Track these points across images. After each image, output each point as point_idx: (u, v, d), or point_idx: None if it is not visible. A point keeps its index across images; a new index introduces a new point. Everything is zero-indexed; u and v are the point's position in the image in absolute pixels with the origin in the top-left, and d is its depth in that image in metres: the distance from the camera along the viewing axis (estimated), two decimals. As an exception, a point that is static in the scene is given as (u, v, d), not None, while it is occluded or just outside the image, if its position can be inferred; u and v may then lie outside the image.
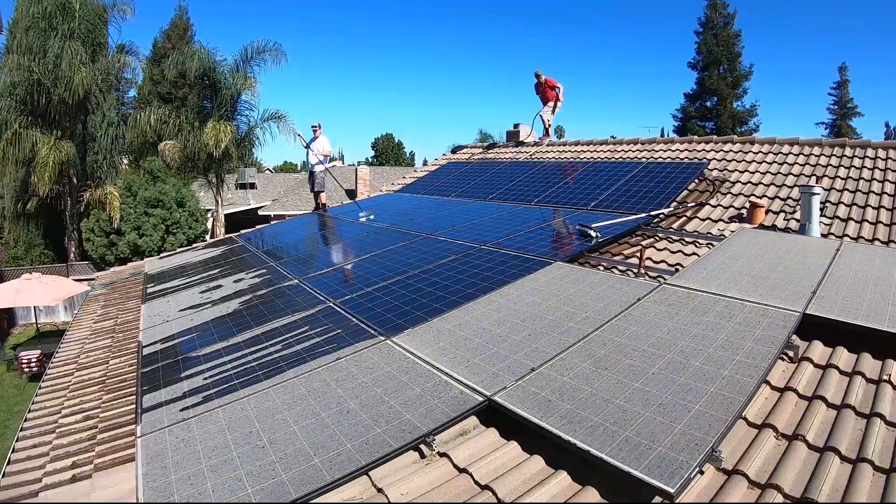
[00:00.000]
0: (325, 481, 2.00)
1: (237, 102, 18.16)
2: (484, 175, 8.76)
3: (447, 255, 4.82)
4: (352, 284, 4.47)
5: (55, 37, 15.39)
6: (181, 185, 17.45)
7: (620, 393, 2.33)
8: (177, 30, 28.86)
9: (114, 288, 6.42)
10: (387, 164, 43.76)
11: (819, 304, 3.09)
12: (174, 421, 2.64)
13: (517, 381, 2.54)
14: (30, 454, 2.74)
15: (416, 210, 7.56)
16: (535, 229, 5.41)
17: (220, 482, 2.08)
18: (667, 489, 1.74)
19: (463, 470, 2.11)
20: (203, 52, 17.13)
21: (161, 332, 4.09)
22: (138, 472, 2.24)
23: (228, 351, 3.47)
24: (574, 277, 3.85)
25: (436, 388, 2.58)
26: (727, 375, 2.38)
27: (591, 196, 6.42)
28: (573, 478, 2.03)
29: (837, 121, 31.62)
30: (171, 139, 17.25)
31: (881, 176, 5.66)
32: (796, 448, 2.08)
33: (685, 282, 3.56)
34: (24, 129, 15.47)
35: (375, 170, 31.92)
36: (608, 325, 3.01)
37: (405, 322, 3.43)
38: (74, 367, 3.90)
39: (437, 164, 11.27)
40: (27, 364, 10.54)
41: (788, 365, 2.75)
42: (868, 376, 2.56)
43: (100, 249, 16.03)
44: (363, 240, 6.40)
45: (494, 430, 2.39)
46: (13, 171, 16.26)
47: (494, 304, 3.52)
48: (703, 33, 29.71)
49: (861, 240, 4.59)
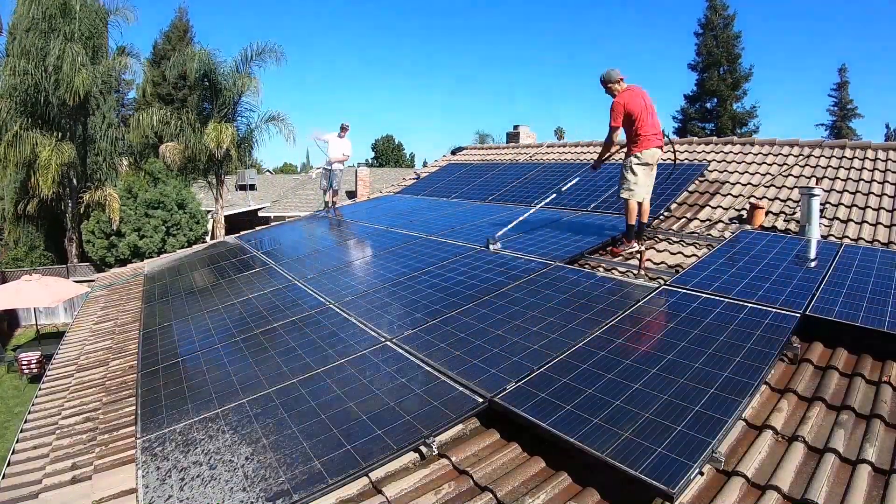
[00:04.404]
0: (325, 482, 2.01)
1: (238, 104, 18.21)
2: (484, 176, 8.76)
3: (447, 257, 4.83)
4: (351, 286, 4.47)
5: (55, 38, 15.40)
6: (182, 187, 17.47)
7: (620, 394, 2.33)
8: (177, 31, 28.92)
9: (114, 289, 6.43)
10: (387, 166, 43.78)
11: (819, 306, 3.09)
12: (174, 422, 2.64)
13: (518, 382, 2.54)
14: (30, 455, 2.75)
15: (415, 212, 7.56)
16: (535, 231, 5.42)
17: (219, 483, 2.09)
18: (667, 490, 1.75)
19: (463, 471, 2.12)
20: (203, 54, 17.15)
21: (161, 333, 4.09)
22: (138, 474, 2.25)
23: (229, 352, 3.47)
24: (574, 279, 3.85)
25: (436, 389, 2.58)
26: (727, 377, 2.38)
27: (591, 197, 6.43)
28: (574, 479, 2.03)
29: (837, 122, 31.65)
30: (172, 141, 17.28)
31: (881, 177, 5.67)
32: (796, 449, 2.08)
33: (685, 283, 3.57)
34: (24, 130, 15.48)
35: (375, 171, 31.96)
36: (608, 327, 3.01)
37: (405, 324, 3.43)
38: (74, 369, 3.90)
39: (437, 165, 11.28)
40: (27, 365, 10.54)
41: (788, 366, 2.75)
42: (868, 378, 2.56)
43: (100, 251, 16.05)
44: (362, 241, 6.41)
45: (495, 431, 2.39)
46: (14, 172, 16.28)
47: (494, 305, 3.53)
48: (703, 35, 29.75)
49: (861, 241, 4.59)
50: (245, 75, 17.72)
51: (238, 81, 17.52)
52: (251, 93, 17.98)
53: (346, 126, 9.79)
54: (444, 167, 10.48)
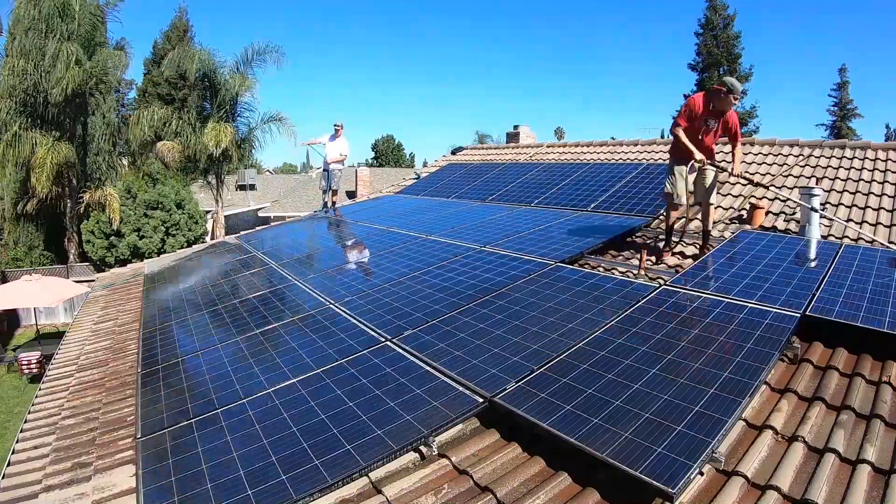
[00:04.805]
0: (325, 482, 2.01)
1: (237, 104, 18.19)
2: (484, 176, 8.77)
3: (447, 258, 4.82)
4: (351, 286, 4.47)
5: (53, 38, 15.38)
6: (181, 187, 17.47)
7: (621, 394, 2.33)
8: (176, 31, 28.88)
9: (114, 289, 6.42)
10: (387, 166, 43.76)
11: (819, 306, 3.09)
12: (174, 422, 2.64)
13: (518, 382, 2.54)
14: (30, 455, 2.74)
15: (415, 212, 7.56)
16: (535, 231, 5.41)
17: (219, 483, 2.08)
18: (667, 490, 1.75)
19: (463, 471, 2.12)
20: (203, 54, 17.14)
21: (161, 333, 4.09)
22: (138, 474, 2.25)
23: (229, 352, 3.47)
24: (574, 279, 3.85)
25: (436, 389, 2.58)
26: (727, 377, 2.38)
27: (591, 197, 6.43)
28: (574, 479, 2.03)
29: (837, 122, 31.64)
30: (171, 140, 17.25)
31: (881, 177, 5.67)
32: (795, 449, 2.08)
33: (685, 283, 3.57)
34: (23, 130, 15.47)
35: (375, 171, 31.93)
36: (608, 327, 3.01)
37: (405, 324, 3.43)
38: (74, 369, 3.89)
39: (437, 165, 11.29)
40: (27, 365, 10.54)
41: (788, 366, 2.76)
42: (868, 378, 2.56)
43: (100, 251, 16.04)
44: (362, 241, 6.41)
45: (495, 431, 2.39)
46: (13, 172, 16.27)
47: (494, 305, 3.52)
48: (703, 35, 29.72)
49: (861, 241, 4.59)
50: (245, 75, 17.71)
51: (238, 81, 17.51)
52: (251, 93, 18.00)
53: (339, 125, 9.55)
54: (445, 167, 10.48)
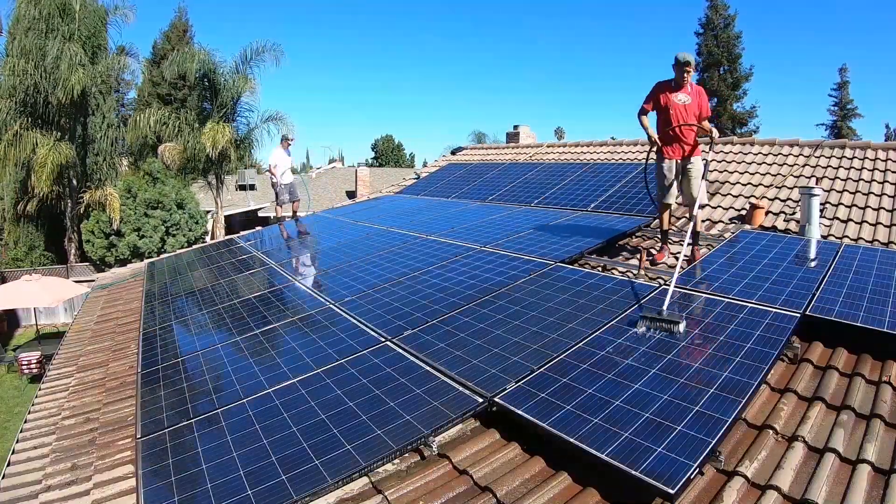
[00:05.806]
0: (325, 482, 2.01)
1: (237, 104, 18.18)
2: (484, 176, 8.76)
3: (447, 258, 4.82)
4: (352, 286, 4.47)
5: (54, 39, 15.39)
6: (181, 187, 17.46)
7: (620, 394, 2.33)
8: (176, 31, 28.88)
9: (114, 289, 6.43)
10: (387, 166, 43.76)
11: (819, 306, 3.09)
12: (174, 423, 2.64)
13: (518, 382, 2.54)
14: (30, 455, 2.75)
15: (415, 212, 7.56)
16: (535, 231, 5.41)
17: (219, 483, 2.08)
18: (667, 490, 1.75)
19: (463, 471, 2.12)
20: (203, 54, 17.12)
21: (161, 333, 4.09)
22: (138, 474, 2.25)
23: (228, 352, 3.47)
24: (574, 279, 3.85)
25: (436, 389, 2.58)
26: (727, 377, 2.38)
27: (590, 197, 6.43)
28: (574, 479, 2.03)
29: (837, 122, 31.60)
30: (171, 141, 17.25)
31: (881, 177, 5.67)
32: (796, 449, 2.08)
33: (685, 283, 3.57)
34: (24, 130, 15.47)
35: (375, 171, 31.92)
36: (608, 327, 3.01)
37: (405, 324, 3.43)
38: (74, 369, 3.90)
39: (437, 165, 11.29)
40: (27, 365, 10.53)
41: (788, 366, 2.75)
42: (868, 378, 2.56)
43: (100, 251, 16.03)
44: (362, 241, 6.40)
45: (495, 431, 2.39)
46: (13, 172, 16.26)
47: (494, 305, 3.52)
48: (703, 34, 29.71)
49: (861, 241, 4.59)
50: (244, 75, 17.70)
51: (238, 81, 17.50)
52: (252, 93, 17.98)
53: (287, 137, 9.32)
54: (445, 167, 10.48)
